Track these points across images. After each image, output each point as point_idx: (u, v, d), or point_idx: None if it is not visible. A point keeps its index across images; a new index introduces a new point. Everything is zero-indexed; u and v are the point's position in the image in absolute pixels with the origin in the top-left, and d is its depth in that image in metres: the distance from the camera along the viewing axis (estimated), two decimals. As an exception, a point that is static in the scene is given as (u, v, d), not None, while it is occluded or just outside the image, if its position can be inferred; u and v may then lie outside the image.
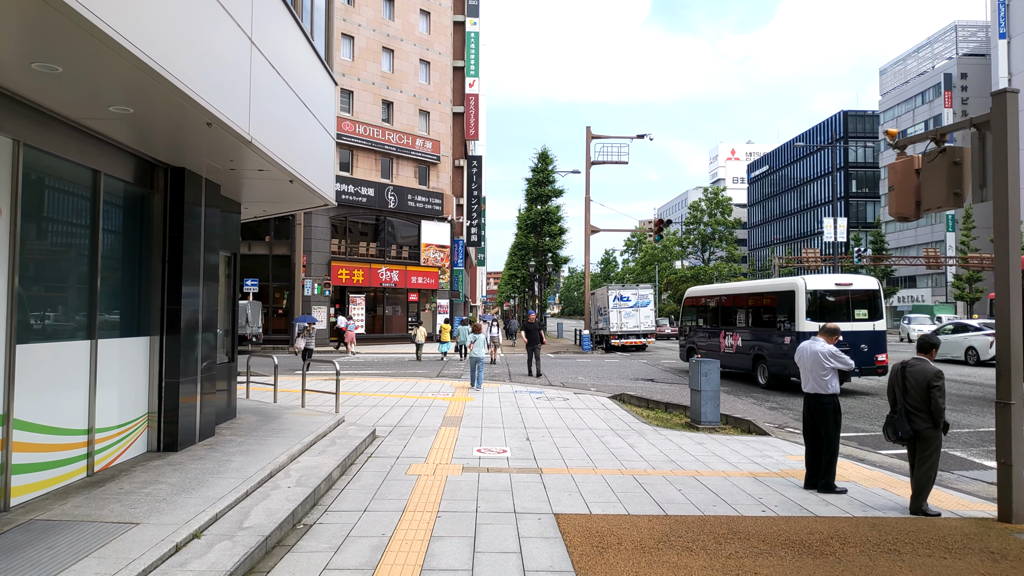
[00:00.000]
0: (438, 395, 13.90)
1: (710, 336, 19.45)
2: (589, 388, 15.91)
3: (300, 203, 9.42)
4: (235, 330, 9.30)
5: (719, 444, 9.31)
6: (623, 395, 13.93)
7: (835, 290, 15.46)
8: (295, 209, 10.03)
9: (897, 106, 78.50)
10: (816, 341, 7.07)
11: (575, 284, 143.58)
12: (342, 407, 11.81)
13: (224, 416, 8.92)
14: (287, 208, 9.99)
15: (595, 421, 11.01)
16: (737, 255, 65.85)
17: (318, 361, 17.55)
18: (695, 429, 10.61)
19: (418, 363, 23.29)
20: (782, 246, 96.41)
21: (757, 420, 10.77)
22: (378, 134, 33.83)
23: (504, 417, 11.22)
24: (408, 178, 35.67)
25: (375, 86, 34.12)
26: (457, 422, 10.63)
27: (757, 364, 16.64)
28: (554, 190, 43.33)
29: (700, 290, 21.88)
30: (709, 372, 10.74)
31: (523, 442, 9.16)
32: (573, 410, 12.15)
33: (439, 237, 37.02)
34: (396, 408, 12.00)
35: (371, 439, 8.97)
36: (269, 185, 8.09)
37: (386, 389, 14.83)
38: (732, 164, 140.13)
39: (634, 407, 12.99)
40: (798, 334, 14.60)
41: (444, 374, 19.37)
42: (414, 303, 36.01)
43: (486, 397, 13.69)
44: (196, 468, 6.39)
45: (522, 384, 16.48)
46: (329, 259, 32.15)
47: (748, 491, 6.87)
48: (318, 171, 8.61)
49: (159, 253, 7.10)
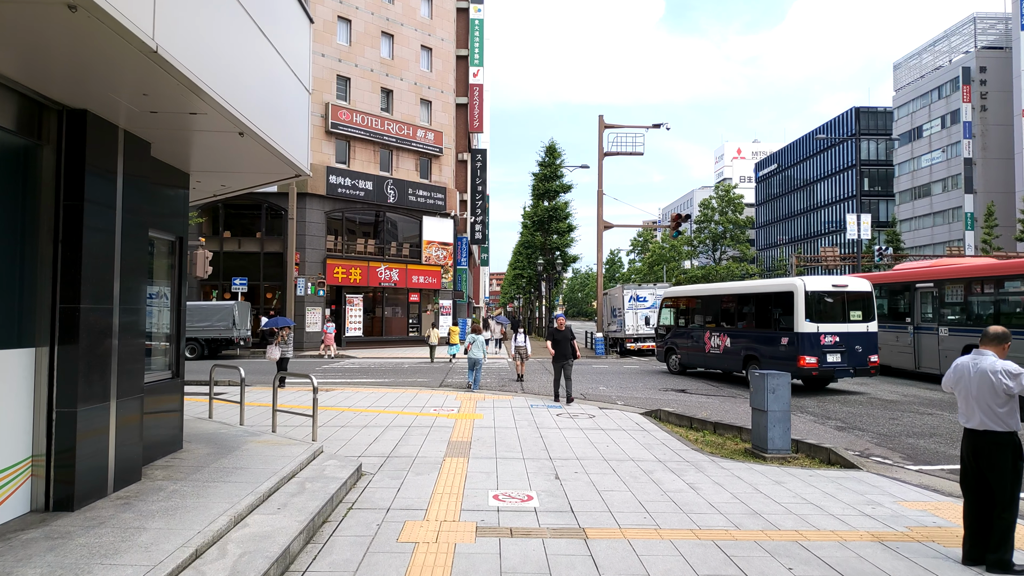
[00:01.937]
0: (441, 410, 11.83)
1: (693, 337, 19.36)
2: (615, 401, 13.81)
3: (264, 172, 7.34)
4: (181, 337, 7.24)
5: (803, 483, 7.22)
6: (658, 411, 11.85)
7: (832, 291, 15.51)
8: (261, 183, 7.96)
9: (912, 101, 76.27)
10: (983, 356, 4.94)
11: (578, 285, 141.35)
12: (325, 428, 9.74)
13: (164, 448, 6.86)
14: (250, 182, 7.92)
15: (635, 448, 8.92)
16: (749, 254, 63.55)
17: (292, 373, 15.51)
18: (761, 459, 8.54)
19: (419, 371, 21.27)
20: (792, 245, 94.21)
21: (838, 448, 8.66)
22: (377, 124, 31.78)
23: (522, 442, 9.15)
24: (409, 171, 33.62)
25: (374, 73, 32.08)
26: (465, 449, 8.56)
27: (748, 364, 16.42)
28: (562, 185, 41.26)
29: (681, 290, 21.67)
30: (778, 388, 8.67)
31: (551, 481, 7.08)
32: (604, 431, 10.07)
33: (441, 234, 34.95)
34: (391, 430, 9.92)
35: (355, 479, 6.89)
36: (215, 141, 6.03)
37: (380, 403, 12.75)
38: (738, 163, 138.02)
39: (675, 427, 10.91)
40: (797, 335, 14.97)
41: (448, 383, 17.29)
42: (415, 304, 33.94)
43: (498, 413, 11.61)
44: (81, 547, 4.31)
45: (537, 396, 14.40)
46: (324, 257, 30.10)
47: (886, 570, 4.78)
48: (283, 127, 6.55)
49: (49, 229, 5.04)
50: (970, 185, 66.96)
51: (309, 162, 7.30)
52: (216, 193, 8.38)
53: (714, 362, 18.24)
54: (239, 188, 8.15)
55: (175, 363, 7.16)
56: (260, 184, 7.93)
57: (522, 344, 16.55)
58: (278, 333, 14.92)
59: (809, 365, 14.93)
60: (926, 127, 73.50)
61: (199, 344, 24.66)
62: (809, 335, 14.95)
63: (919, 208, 74.36)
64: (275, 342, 14.80)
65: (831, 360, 15.26)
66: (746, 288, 17.86)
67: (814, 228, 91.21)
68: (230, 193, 8.41)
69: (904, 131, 69.80)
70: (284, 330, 15.05)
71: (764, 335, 16.26)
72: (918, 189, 74.87)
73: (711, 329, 18.45)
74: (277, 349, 14.71)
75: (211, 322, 24.62)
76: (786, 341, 15.21)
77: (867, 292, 15.68)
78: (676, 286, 22.43)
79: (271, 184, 7.83)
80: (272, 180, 7.72)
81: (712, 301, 19.22)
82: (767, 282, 17.90)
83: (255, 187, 8.02)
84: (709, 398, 14.57)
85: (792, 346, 15.04)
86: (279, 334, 14.86)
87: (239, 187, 8.08)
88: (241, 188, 8.16)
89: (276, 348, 14.72)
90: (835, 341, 15.17)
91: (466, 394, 14.22)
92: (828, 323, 15.19)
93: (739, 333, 17.30)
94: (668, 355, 20.61)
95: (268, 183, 7.83)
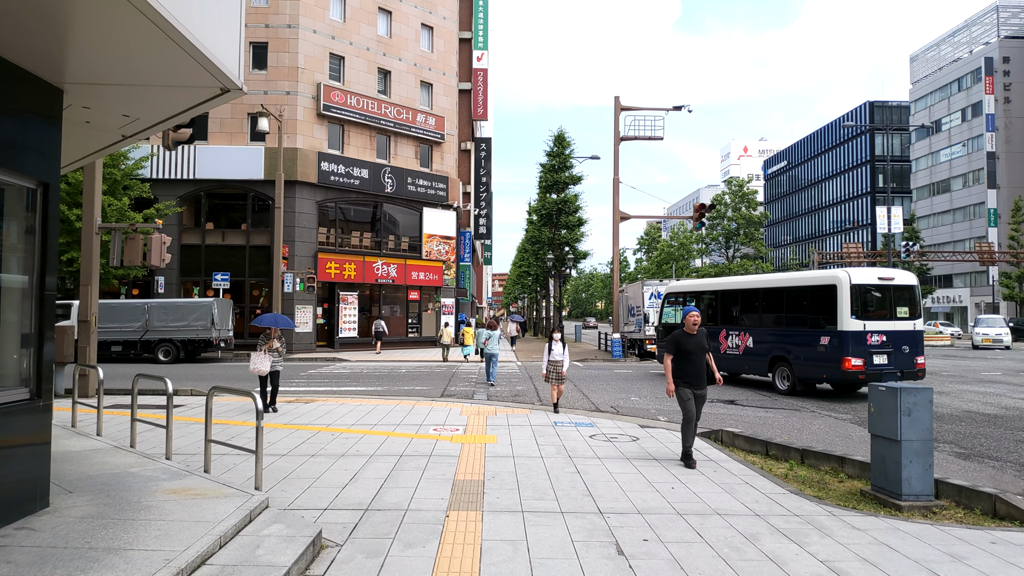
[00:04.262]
0: (443, 430, 9.34)
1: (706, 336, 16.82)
2: (656, 417, 11.30)
3: (176, 84, 4.83)
4: (45, 339, 4.74)
5: (996, 560, 4.71)
6: (719, 433, 9.35)
7: (879, 285, 14.01)
8: (180, 111, 5.45)
9: (930, 94, 73.71)
10: None
11: (583, 285, 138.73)
12: (290, 459, 7.26)
13: (17, 510, 4.38)
14: (162, 107, 5.40)
15: (713, 491, 6.42)
16: (764, 251, 60.99)
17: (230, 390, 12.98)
18: (893, 508, 6.05)
19: (418, 377, 18.84)
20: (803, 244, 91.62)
21: (1007, 494, 6.15)
22: (373, 107, 29.30)
23: (555, 481, 6.65)
24: (408, 159, 31.13)
25: (370, 52, 29.60)
26: (477, 496, 6.07)
27: (776, 367, 15.00)
28: (572, 177, 38.78)
29: (689, 284, 19.84)
30: (916, 408, 6.17)
31: (613, 560, 4.58)
32: (659, 463, 7.58)
33: (443, 227, 32.46)
34: (377, 461, 7.43)
35: (308, 559, 4.40)
36: (91, 24, 3.55)
37: (368, 420, 10.27)
38: (745, 161, 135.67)
39: (748, 454, 8.41)
40: (841, 333, 13.37)
41: (451, 392, 14.80)
42: (415, 302, 31.45)
43: (515, 434, 9.12)
44: None
45: (560, 411, 11.90)
46: (316, 251, 27.63)
47: None
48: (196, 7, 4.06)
49: None
50: (993, 180, 64.34)
51: (242, 70, 4.79)
52: (126, 132, 5.88)
53: (732, 364, 16.46)
54: (153, 121, 5.64)
55: (34, 378, 4.67)
56: (181, 112, 5.42)
57: (560, 359, 10.96)
58: (270, 336, 10.98)
59: (855, 368, 13.15)
60: (945, 120, 70.92)
61: (174, 346, 22.20)
62: (855, 334, 13.27)
63: (938, 205, 71.77)
64: (263, 348, 10.81)
65: (878, 362, 13.43)
66: (775, 281, 16.06)
67: (826, 226, 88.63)
68: (147, 131, 5.90)
69: (921, 125, 67.16)
70: (272, 333, 11.04)
71: (798, 334, 14.55)
72: (937, 185, 72.28)
73: (728, 327, 16.67)
74: (266, 358, 10.65)
75: (187, 321, 22.16)
76: (826, 340, 13.63)
77: (913, 286, 14.25)
78: (683, 280, 20.12)
79: (198, 108, 5.33)
80: (194, 104, 5.22)
81: (730, 296, 17.27)
82: (803, 275, 16.12)
83: (177, 117, 5.52)
84: (767, 412, 12.04)
85: (834, 346, 13.43)
86: (271, 338, 10.96)
87: (152, 118, 5.56)
88: (156, 121, 5.65)
89: (265, 357, 10.65)
90: (882, 340, 13.45)
91: (473, 407, 11.72)
92: (875, 320, 13.54)
93: (765, 332, 15.51)
94: None
95: (192, 108, 5.33)
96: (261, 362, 10.63)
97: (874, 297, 14.00)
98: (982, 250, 46.19)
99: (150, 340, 22.19)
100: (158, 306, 22.42)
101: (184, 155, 26.60)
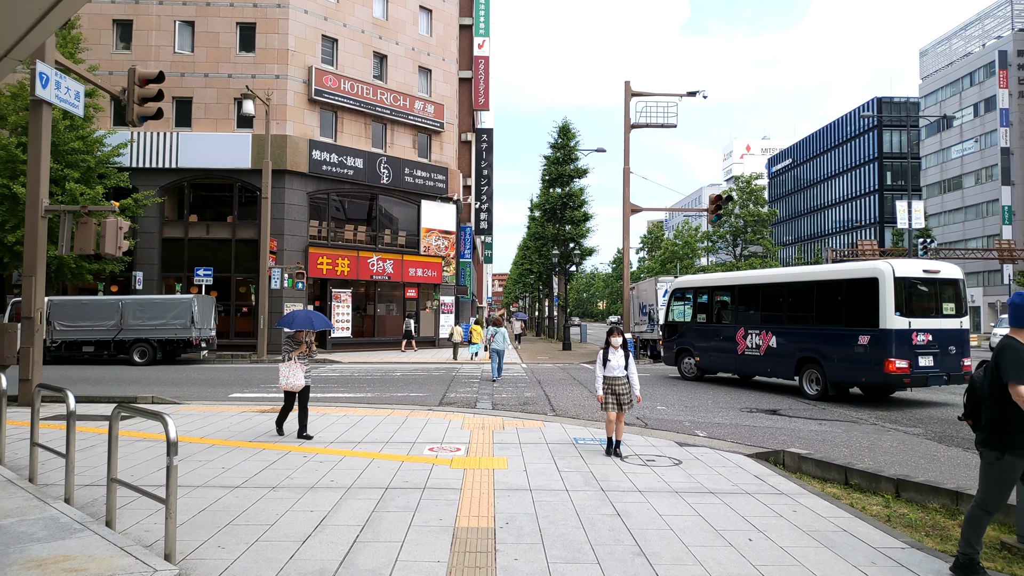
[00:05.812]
0: (441, 450, 7.65)
1: (719, 335, 16.16)
2: (694, 431, 9.59)
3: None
4: None
5: None
6: (779, 455, 7.65)
7: (924, 278, 12.67)
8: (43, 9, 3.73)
9: (941, 89, 72.04)
10: None
11: (583, 285, 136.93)
12: (239, 493, 5.56)
13: None
14: None
15: (806, 547, 4.72)
16: (773, 249, 59.32)
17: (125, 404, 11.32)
18: (1063, 574, 4.35)
19: (413, 382, 17.18)
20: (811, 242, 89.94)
21: None
22: (368, 92, 27.59)
23: (590, 530, 4.96)
24: (405, 148, 29.43)
25: (365, 35, 27.90)
26: (486, 557, 4.38)
27: (803, 369, 13.60)
28: (577, 169, 37.02)
29: (700, 280, 18.18)
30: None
31: None
32: (717, 497, 5.89)
33: (443, 221, 30.74)
34: (352, 499, 5.73)
35: None
36: None
37: (352, 435, 8.57)
38: (748, 160, 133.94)
39: (823, 483, 6.73)
40: (883, 332, 11.93)
41: (451, 400, 13.11)
42: (412, 300, 29.73)
43: (529, 456, 7.42)
44: None
45: (576, 421, 10.20)
46: (306, 245, 25.92)
47: None
48: None
49: None
50: (1007, 176, 62.64)
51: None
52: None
53: (751, 366, 15.22)
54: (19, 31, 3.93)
55: None
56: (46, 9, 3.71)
57: (622, 375, 7.55)
58: (302, 340, 8.40)
59: (900, 371, 11.70)
60: (957, 116, 69.22)
61: (150, 346, 20.48)
62: (899, 332, 11.86)
63: (949, 202, 70.09)
64: (293, 355, 8.23)
65: (923, 364, 12.04)
66: (804, 275, 14.55)
67: (831, 225, 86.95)
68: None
69: (932, 121, 65.42)
70: (302, 337, 8.39)
71: (831, 333, 13.10)
72: (948, 182, 70.63)
73: (747, 326, 15.28)
74: (299, 369, 8.17)
75: (165, 320, 20.44)
76: (865, 340, 12.24)
77: (960, 280, 13.07)
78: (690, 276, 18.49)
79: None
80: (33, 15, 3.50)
81: (750, 291, 15.88)
82: (838, 267, 14.49)
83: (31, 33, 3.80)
84: (820, 424, 10.32)
85: (876, 346, 12.03)
86: (303, 342, 8.40)
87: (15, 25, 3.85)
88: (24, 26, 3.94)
89: (297, 367, 8.16)
90: (928, 340, 12.06)
91: (476, 418, 10.02)
92: (920, 317, 12.13)
93: (791, 330, 14.09)
94: (681, 357, 17.59)
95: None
96: (294, 375, 8.15)
97: (920, 292, 12.64)
98: (1002, 248, 44.45)
99: (124, 340, 20.48)
100: (133, 303, 20.70)
101: (166, 142, 24.90)
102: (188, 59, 25.33)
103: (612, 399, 7.49)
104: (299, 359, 8.26)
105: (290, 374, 8.18)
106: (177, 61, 25.20)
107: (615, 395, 7.49)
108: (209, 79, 25.31)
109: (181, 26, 25.52)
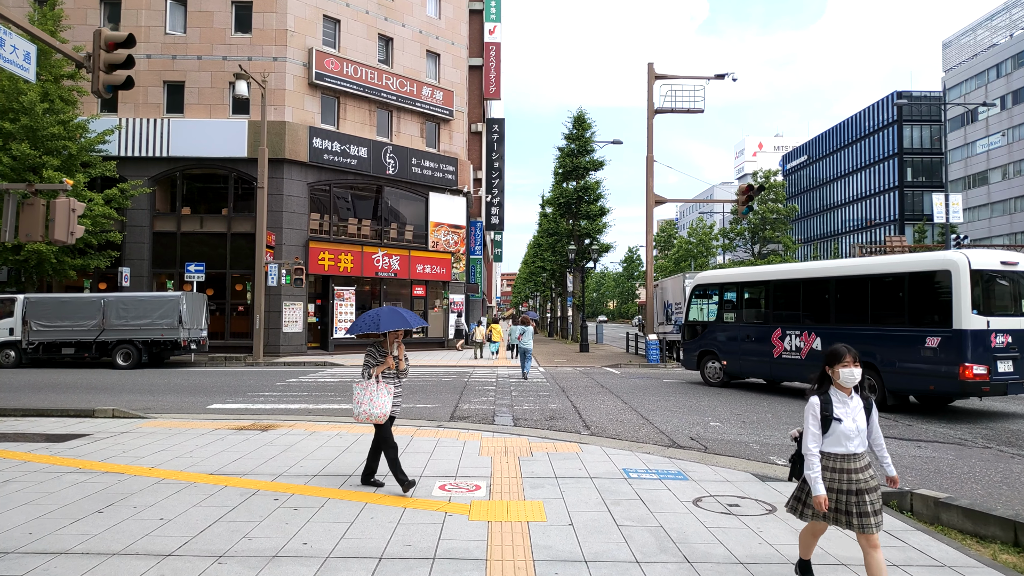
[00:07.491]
0: (455, 488, 5.88)
1: (751, 336, 14.58)
2: (769, 459, 7.74)
3: None
4: None
5: None
6: (905, 498, 5.82)
7: (1003, 271, 10.95)
8: None
9: (966, 82, 69.64)
10: None
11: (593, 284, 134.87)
12: (177, 556, 3.79)
13: None
14: None
15: None
16: (793, 246, 57.29)
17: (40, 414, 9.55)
18: None
19: (420, 389, 15.46)
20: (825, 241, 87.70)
21: None
22: (373, 77, 25.87)
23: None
24: (413, 137, 27.68)
25: (369, 15, 26.18)
26: None
27: None
28: (593, 162, 35.24)
29: (727, 275, 16.39)
30: None
31: None
32: (851, 573, 4.07)
33: (452, 215, 28.98)
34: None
35: None
36: None
37: (341, 465, 6.81)
38: (761, 157, 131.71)
39: (979, 543, 4.91)
40: (958, 333, 10.32)
41: (464, 413, 11.31)
42: (420, 298, 28.00)
43: (571, 496, 5.64)
44: None
45: (616, 442, 8.39)
46: (307, 239, 24.23)
47: None
48: None
49: None
50: (1036, 171, 60.28)
51: None
52: None
53: (790, 371, 13.51)
54: None
55: None
56: None
57: (860, 450, 3.67)
58: (388, 346, 6.07)
59: (977, 377, 10.06)
60: (982, 110, 66.83)
61: (135, 348, 18.80)
62: (977, 333, 10.25)
63: (974, 198, 67.71)
64: (377, 370, 5.91)
65: (1003, 370, 10.36)
66: (855, 268, 12.87)
67: (849, 222, 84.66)
68: None
69: (956, 115, 63.11)
70: (394, 339, 6.10)
71: (891, 334, 11.46)
72: (973, 177, 68.26)
73: (784, 326, 13.70)
74: (386, 391, 5.82)
75: (151, 319, 18.77)
76: (935, 342, 10.65)
77: None
78: (713, 271, 16.66)
79: None
80: None
81: (787, 287, 14.14)
82: (898, 259, 12.55)
83: None
84: (920, 448, 8.42)
85: (948, 349, 10.42)
86: (391, 349, 6.05)
87: None
88: None
89: (383, 390, 5.81)
90: (1007, 342, 10.40)
91: (497, 439, 8.22)
92: (999, 316, 10.48)
93: (840, 331, 12.31)
94: (703, 360, 16.00)
95: None
96: (380, 397, 5.72)
97: (999, 287, 11.02)
98: (1037, 244, 42.33)
99: (107, 341, 18.82)
100: (116, 301, 19.03)
101: (157, 129, 23.25)
102: (180, 40, 23.68)
103: (841, 502, 3.60)
104: (384, 376, 5.89)
105: (373, 398, 5.69)
106: (168, 42, 23.56)
107: (845, 494, 3.59)
108: (202, 62, 23.64)
109: (173, 5, 23.87)
